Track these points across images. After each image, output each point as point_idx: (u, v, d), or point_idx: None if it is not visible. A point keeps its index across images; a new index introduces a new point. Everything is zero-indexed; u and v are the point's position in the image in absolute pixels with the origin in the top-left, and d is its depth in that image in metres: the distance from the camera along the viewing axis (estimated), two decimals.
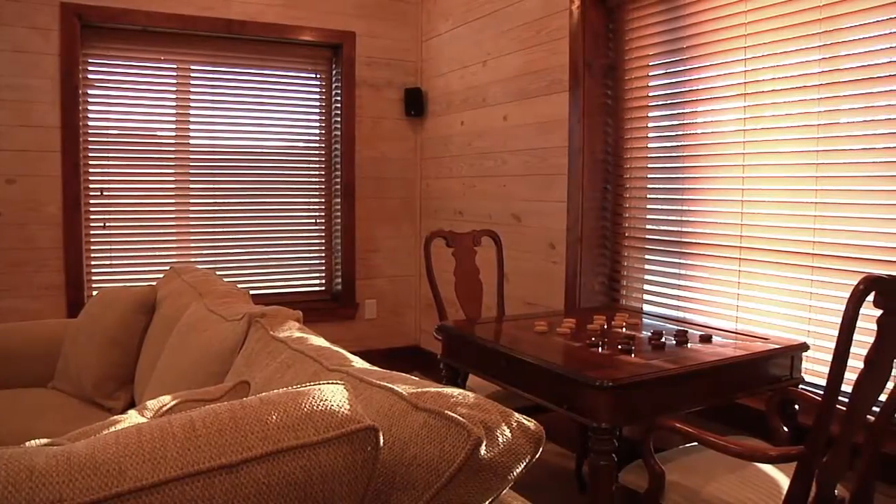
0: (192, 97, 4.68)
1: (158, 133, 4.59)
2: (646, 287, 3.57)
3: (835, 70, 2.64)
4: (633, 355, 2.35)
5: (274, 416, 0.94)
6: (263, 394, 1.02)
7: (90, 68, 4.35)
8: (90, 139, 4.37)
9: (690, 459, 2.30)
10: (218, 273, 4.10)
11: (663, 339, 2.52)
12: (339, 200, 5.12)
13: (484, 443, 1.03)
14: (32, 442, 1.03)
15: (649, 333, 2.64)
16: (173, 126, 4.64)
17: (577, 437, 3.32)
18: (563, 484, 3.45)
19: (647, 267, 3.56)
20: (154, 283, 3.23)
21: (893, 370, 1.83)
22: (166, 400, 1.38)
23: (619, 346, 2.41)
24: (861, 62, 2.55)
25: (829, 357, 1.70)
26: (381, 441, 0.99)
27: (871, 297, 1.67)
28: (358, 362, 1.51)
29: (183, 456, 0.86)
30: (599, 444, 2.10)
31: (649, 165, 3.54)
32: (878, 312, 1.70)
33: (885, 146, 2.49)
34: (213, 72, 4.72)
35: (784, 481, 2.06)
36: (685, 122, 3.32)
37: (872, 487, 2.02)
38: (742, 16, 2.98)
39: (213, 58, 4.70)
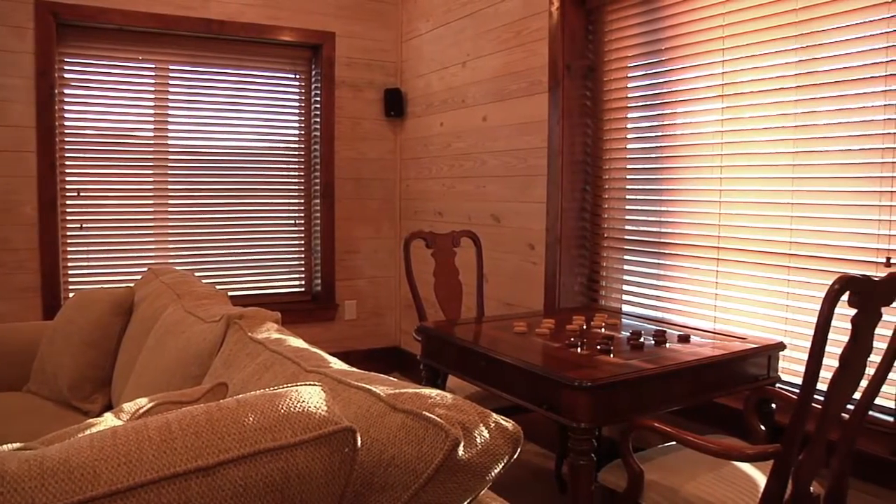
0: (170, 97, 4.65)
1: (136, 133, 4.55)
2: (625, 287, 3.59)
3: (811, 72, 2.66)
4: (611, 355, 2.36)
5: (251, 418, 0.94)
6: (240, 395, 1.01)
7: (66, 67, 4.31)
8: (67, 139, 4.33)
9: (669, 458, 2.31)
10: (196, 274, 4.08)
11: (642, 340, 2.54)
12: (318, 201, 5.11)
13: (462, 443, 1.03)
14: (5, 446, 1.02)
15: (628, 333, 2.65)
16: (151, 126, 4.61)
17: (557, 437, 3.33)
18: (543, 484, 3.46)
19: (625, 267, 3.58)
20: (131, 285, 3.21)
21: (867, 369, 1.86)
22: (143, 402, 1.37)
23: (598, 347, 2.42)
24: (837, 65, 2.58)
25: (806, 356, 1.71)
26: (359, 442, 0.99)
27: (845, 297, 1.69)
28: (336, 363, 1.51)
29: (159, 459, 0.85)
30: (579, 444, 2.11)
31: (628, 166, 3.56)
32: (853, 312, 1.72)
33: (860, 147, 2.52)
34: (191, 72, 4.69)
35: (761, 479, 2.07)
36: (664, 123, 3.34)
37: (846, 484, 2.04)
38: (720, 18, 3.00)
39: (192, 58, 4.67)
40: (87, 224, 4.43)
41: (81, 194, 4.41)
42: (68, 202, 4.36)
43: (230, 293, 3.75)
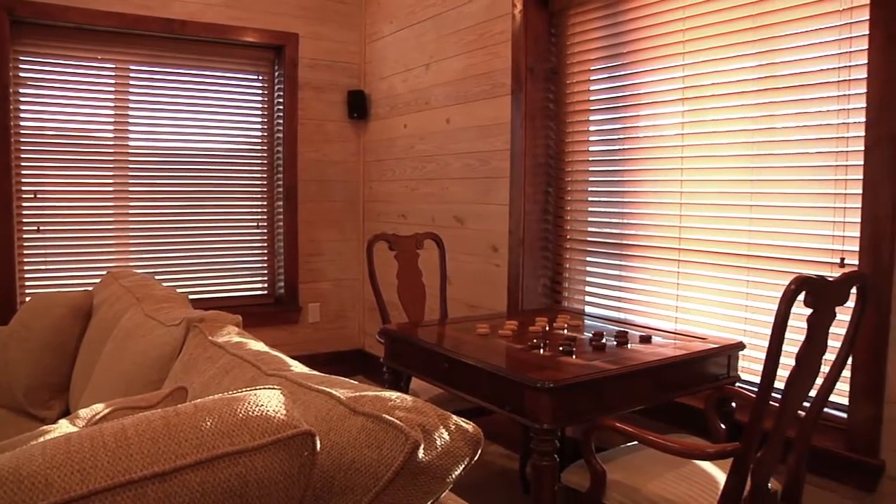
0: (131, 98, 4.58)
1: (96, 134, 4.48)
2: (587, 289, 3.61)
3: (769, 76, 2.71)
4: (574, 356, 2.37)
5: (208, 423, 0.93)
6: (198, 400, 1.00)
7: (22, 66, 4.22)
8: (23, 140, 4.24)
9: (631, 458, 2.34)
10: (157, 277, 4.03)
11: (604, 340, 2.56)
12: (281, 203, 5.07)
13: (422, 446, 1.03)
14: None
15: (590, 335, 2.67)
16: (112, 127, 4.53)
17: (521, 439, 3.34)
18: (508, 485, 3.47)
19: (588, 269, 3.61)
20: (90, 289, 3.16)
21: (822, 367, 1.90)
22: (99, 408, 1.35)
23: (561, 348, 2.43)
24: (794, 70, 2.63)
25: (764, 355, 1.74)
26: (318, 446, 0.98)
27: (802, 297, 1.72)
28: (297, 367, 1.50)
29: (114, 465, 0.84)
30: (541, 445, 2.12)
31: (590, 169, 3.59)
32: (809, 312, 1.75)
33: (816, 151, 2.57)
34: (152, 72, 4.63)
35: (721, 477, 2.10)
36: (626, 126, 3.38)
37: (803, 479, 2.08)
38: (680, 23, 3.04)
39: (153, 58, 4.61)
40: (45, 227, 4.35)
41: (38, 196, 4.32)
42: (24, 204, 4.28)
43: (191, 297, 3.71)
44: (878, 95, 2.29)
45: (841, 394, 2.39)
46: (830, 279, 1.80)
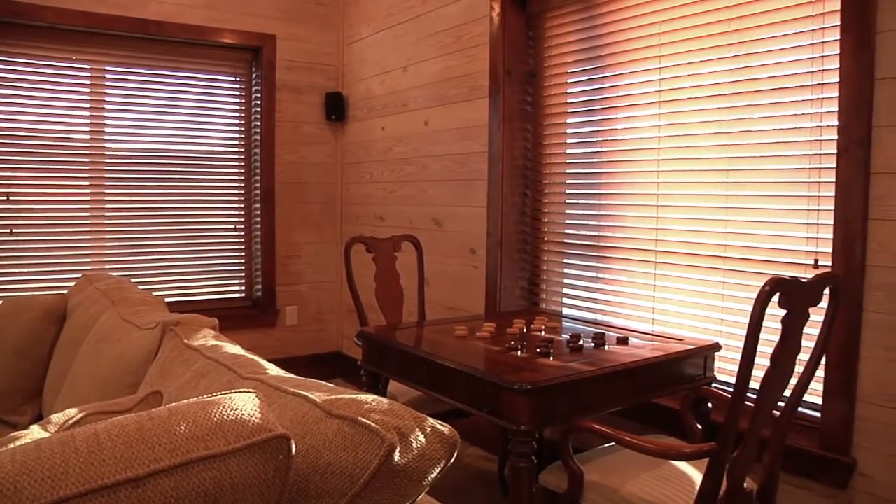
0: (106, 99, 4.54)
1: (71, 135, 4.43)
2: (565, 291, 3.63)
3: (745, 80, 2.73)
4: (551, 358, 2.38)
5: (183, 427, 0.92)
6: (172, 404, 1.00)
7: None
8: None
9: (609, 459, 2.35)
10: (133, 280, 3.98)
11: (581, 342, 2.56)
12: (258, 205, 5.05)
13: (398, 448, 1.03)
14: None
15: (568, 336, 2.68)
16: (87, 128, 4.49)
17: (499, 440, 3.35)
18: (486, 487, 3.47)
19: (566, 271, 3.62)
20: (65, 292, 3.12)
21: (796, 367, 1.92)
22: (72, 413, 1.33)
23: (538, 350, 2.44)
24: (769, 73, 2.65)
25: (740, 356, 1.76)
26: (294, 449, 0.98)
27: (776, 298, 1.74)
28: (273, 370, 1.49)
29: (86, 471, 0.83)
30: (519, 447, 2.12)
31: (568, 171, 3.60)
32: (783, 313, 1.77)
33: (791, 154, 2.60)
34: (128, 73, 4.59)
35: (698, 477, 2.12)
36: (603, 128, 3.39)
37: (777, 478, 2.10)
38: (657, 26, 3.06)
39: (129, 59, 4.57)
40: (18, 229, 4.30)
41: (11, 199, 4.27)
42: None
43: (168, 300, 3.67)
44: (850, 100, 2.31)
45: (814, 393, 2.42)
46: (804, 280, 1.82)
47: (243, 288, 5.12)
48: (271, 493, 0.95)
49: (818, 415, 2.45)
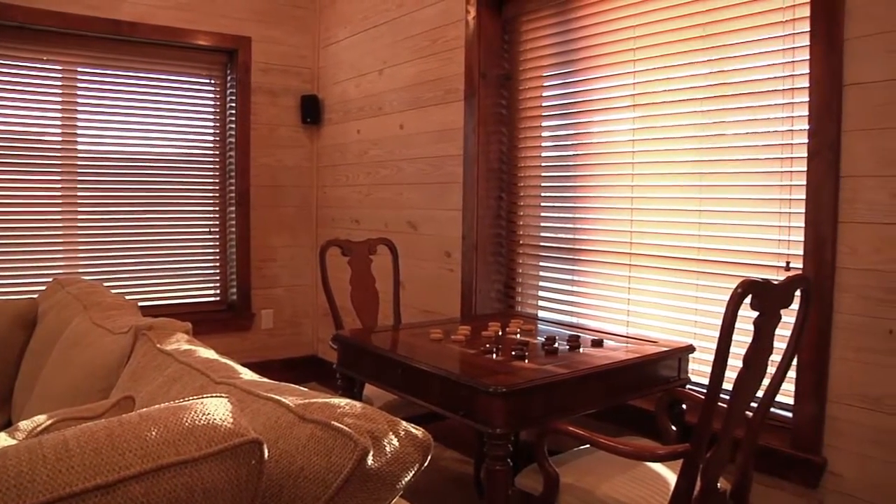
0: (79, 100, 4.48)
1: (42, 137, 4.37)
2: (540, 293, 3.64)
3: (718, 84, 2.76)
4: (526, 361, 2.39)
5: (153, 432, 0.91)
6: (143, 409, 0.99)
7: None
8: None
9: (584, 461, 2.35)
10: (106, 284, 3.94)
11: (556, 345, 2.57)
12: (233, 209, 5.02)
13: (371, 452, 1.03)
14: None
15: (543, 339, 2.69)
16: (59, 130, 4.43)
17: (475, 443, 3.35)
18: (463, 490, 3.48)
19: (541, 273, 3.63)
20: (35, 296, 3.08)
21: (768, 368, 1.94)
22: (41, 420, 1.32)
23: (513, 353, 2.44)
24: (742, 77, 2.68)
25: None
26: (266, 454, 0.97)
27: (748, 300, 1.75)
28: (247, 374, 1.48)
29: (53, 478, 0.82)
30: (494, 450, 2.13)
31: (543, 174, 3.62)
32: (756, 314, 1.79)
33: (765, 157, 2.63)
34: (101, 74, 4.54)
35: (672, 478, 2.13)
36: (578, 131, 3.41)
37: (750, 478, 2.12)
38: (631, 30, 3.08)
39: (101, 60, 4.52)
40: None
41: None
42: None
43: (141, 304, 3.62)
44: (820, 105, 2.35)
45: (786, 394, 2.44)
46: (775, 283, 1.84)
47: (218, 292, 5.09)
48: (243, 499, 0.94)
49: (790, 415, 2.48)
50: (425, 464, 1.12)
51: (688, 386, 2.68)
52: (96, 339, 2.13)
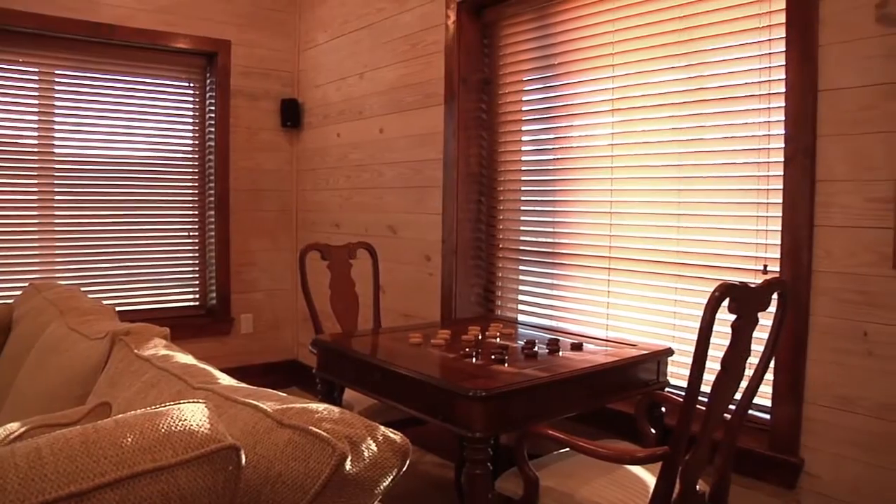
0: (56, 103, 4.43)
1: (19, 140, 4.32)
2: (520, 297, 3.64)
3: (697, 89, 2.78)
4: (506, 365, 2.39)
5: (129, 439, 0.90)
6: (119, 416, 0.98)
7: None
8: None
9: (564, 464, 2.36)
10: (83, 289, 3.90)
11: (536, 348, 2.58)
12: (213, 212, 4.99)
13: (349, 458, 1.03)
14: None
15: (522, 343, 2.70)
16: (36, 133, 4.38)
17: (456, 448, 3.35)
18: (444, 494, 3.47)
19: (521, 277, 3.64)
20: (10, 301, 3.05)
21: (746, 370, 1.95)
22: (14, 427, 1.30)
23: (493, 356, 2.44)
24: (721, 82, 2.70)
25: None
26: (244, 460, 0.97)
27: (726, 304, 1.77)
28: (225, 379, 1.47)
29: (25, 487, 0.81)
30: (474, 454, 2.12)
31: (523, 178, 3.63)
32: (734, 317, 1.81)
33: (742, 161, 2.65)
34: (79, 77, 4.49)
35: (652, 480, 2.14)
36: (557, 136, 3.43)
37: (728, 479, 2.13)
38: (609, 35, 3.10)
39: (80, 62, 4.47)
40: None
41: None
42: None
43: (119, 308, 3.60)
44: (795, 111, 2.37)
45: (764, 396, 2.46)
46: (753, 286, 1.85)
47: (197, 296, 5.05)
48: None
49: (768, 417, 2.50)
50: (404, 469, 1.11)
51: (667, 389, 2.69)
52: (73, 345, 2.11)
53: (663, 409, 2.63)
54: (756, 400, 2.12)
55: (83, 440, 0.89)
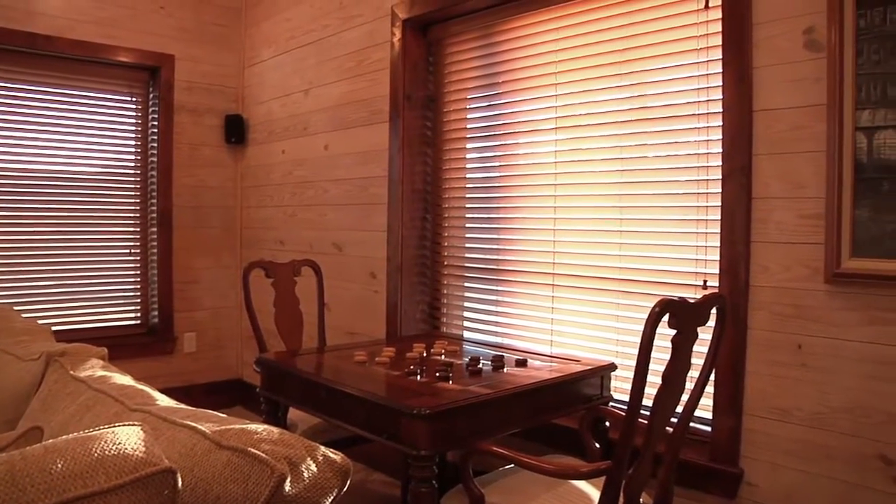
0: None
1: None
2: (465, 314, 3.65)
3: (638, 108, 2.84)
4: (450, 382, 2.39)
5: (59, 465, 0.88)
6: (49, 441, 0.95)
7: None
8: None
9: (509, 480, 2.36)
10: (17, 308, 3.80)
11: (480, 365, 2.59)
12: (155, 229, 4.89)
13: (288, 478, 1.01)
14: None
15: (467, 360, 2.70)
16: None
17: (402, 465, 3.33)
18: None
19: (466, 294, 3.65)
20: None
21: (687, 384, 1.98)
22: None
23: (438, 374, 2.44)
24: (661, 102, 2.76)
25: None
26: (180, 483, 0.95)
27: (666, 319, 1.80)
28: (164, 400, 1.45)
29: None
30: (420, 471, 2.11)
31: (467, 195, 3.64)
32: (673, 332, 1.83)
33: (683, 179, 2.71)
34: (14, 89, 4.36)
35: (597, 495, 2.15)
36: (502, 153, 3.46)
37: (671, 492, 2.16)
38: (552, 55, 3.15)
39: (15, 74, 4.34)
40: None
41: None
42: None
43: (56, 328, 3.50)
44: (732, 130, 2.44)
45: (705, 408, 2.51)
46: (692, 301, 1.89)
47: (139, 314, 4.94)
48: None
49: (709, 429, 2.54)
50: (345, 489, 1.11)
51: (611, 403, 2.72)
52: (4, 367, 2.05)
53: (607, 424, 2.66)
54: (697, 412, 2.16)
55: (9, 468, 0.86)
